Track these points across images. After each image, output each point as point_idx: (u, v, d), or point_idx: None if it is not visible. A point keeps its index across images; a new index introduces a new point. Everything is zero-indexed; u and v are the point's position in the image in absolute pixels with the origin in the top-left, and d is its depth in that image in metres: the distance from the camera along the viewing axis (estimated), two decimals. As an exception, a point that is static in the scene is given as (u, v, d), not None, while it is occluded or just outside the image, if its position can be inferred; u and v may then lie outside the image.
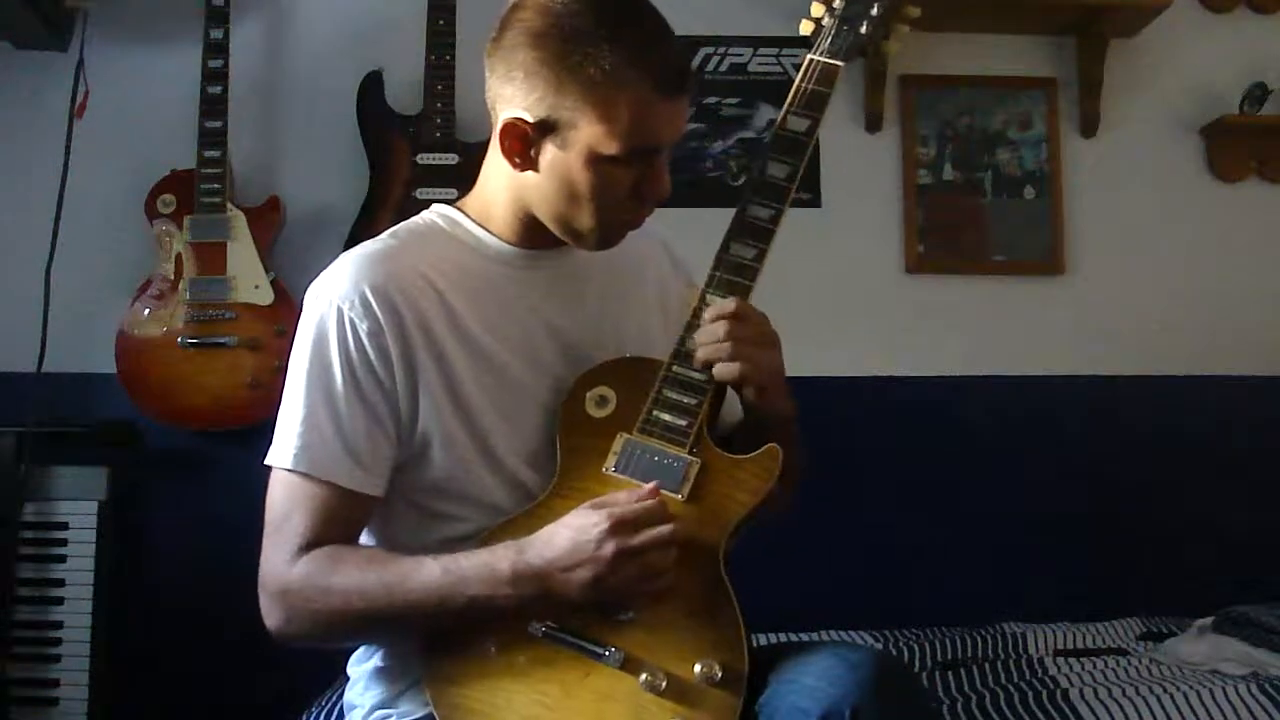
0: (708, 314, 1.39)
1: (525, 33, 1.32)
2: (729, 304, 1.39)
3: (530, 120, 1.33)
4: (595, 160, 1.33)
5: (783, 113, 1.46)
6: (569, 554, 1.26)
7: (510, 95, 1.35)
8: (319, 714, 1.72)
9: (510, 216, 1.44)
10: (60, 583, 2.53)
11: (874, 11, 1.50)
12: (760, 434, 1.43)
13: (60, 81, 2.74)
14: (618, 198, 1.37)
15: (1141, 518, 2.87)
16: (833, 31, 1.50)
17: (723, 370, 1.37)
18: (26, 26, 2.71)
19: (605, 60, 1.29)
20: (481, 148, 1.46)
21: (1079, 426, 2.92)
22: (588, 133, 1.32)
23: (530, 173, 1.37)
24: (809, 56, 1.49)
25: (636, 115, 1.31)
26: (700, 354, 1.39)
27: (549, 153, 1.35)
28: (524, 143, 1.35)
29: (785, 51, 2.98)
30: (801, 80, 1.47)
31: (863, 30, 1.50)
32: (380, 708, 1.42)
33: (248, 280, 2.70)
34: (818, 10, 1.53)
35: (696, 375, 1.39)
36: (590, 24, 1.30)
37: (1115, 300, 2.97)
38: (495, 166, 1.43)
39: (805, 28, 1.53)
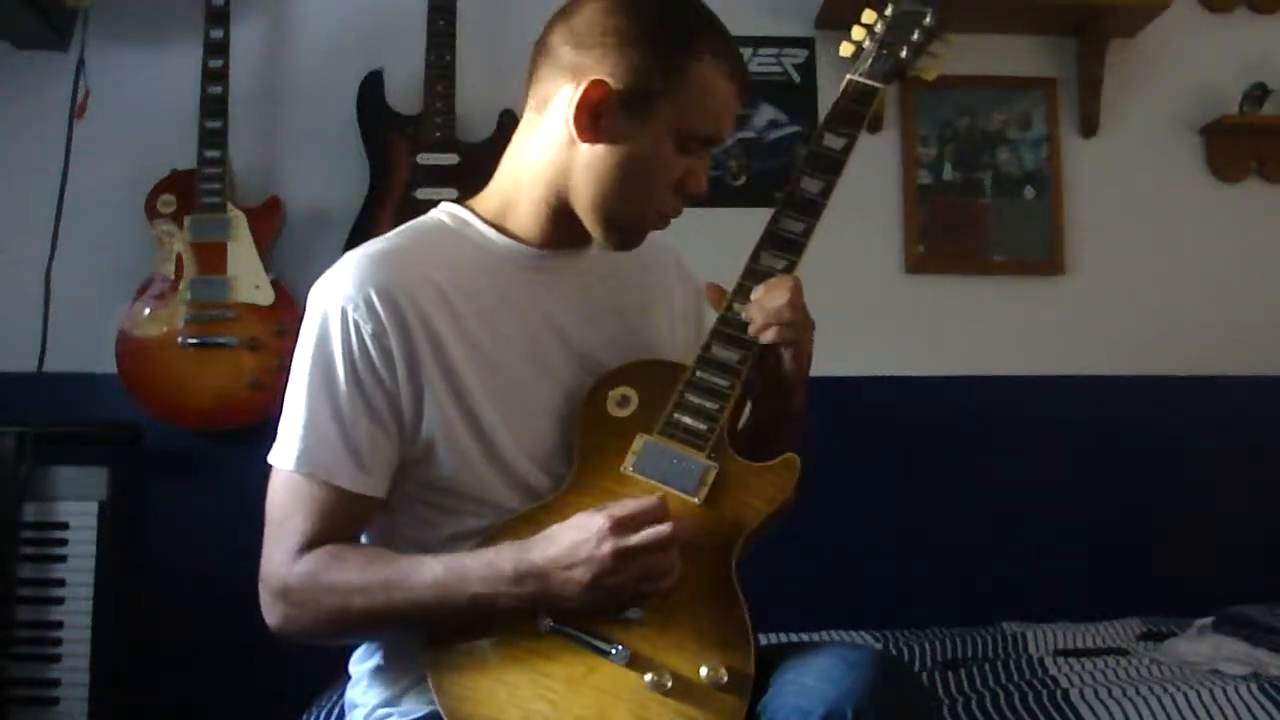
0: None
1: (618, 2, 1.36)
2: (787, 279, 1.40)
3: (616, 87, 1.34)
4: (665, 138, 1.36)
5: (820, 129, 1.50)
6: (569, 553, 1.26)
7: (590, 64, 1.35)
8: (320, 713, 1.72)
9: (535, 210, 1.43)
10: (60, 583, 2.52)
11: (913, 37, 1.55)
12: (770, 432, 1.44)
13: (60, 81, 2.73)
14: (665, 185, 1.39)
15: (1141, 518, 2.87)
16: (872, 55, 1.55)
17: (771, 335, 1.37)
18: (26, 26, 2.71)
19: (702, 44, 1.35)
20: (482, 147, 1.46)
21: (1079, 426, 2.92)
22: (672, 110, 1.35)
23: (585, 147, 1.37)
24: (848, 77, 1.54)
25: (717, 104, 1.38)
26: (757, 316, 1.38)
27: (620, 124, 1.35)
28: (596, 111, 1.35)
29: (785, 51, 2.98)
30: (840, 99, 1.52)
31: (901, 55, 1.55)
32: (382, 706, 1.42)
33: (248, 280, 2.70)
34: (859, 34, 1.59)
35: (720, 381, 1.39)
36: (685, 8, 1.39)
37: (1115, 300, 2.97)
38: (527, 154, 1.42)
39: (845, 50, 1.59)
